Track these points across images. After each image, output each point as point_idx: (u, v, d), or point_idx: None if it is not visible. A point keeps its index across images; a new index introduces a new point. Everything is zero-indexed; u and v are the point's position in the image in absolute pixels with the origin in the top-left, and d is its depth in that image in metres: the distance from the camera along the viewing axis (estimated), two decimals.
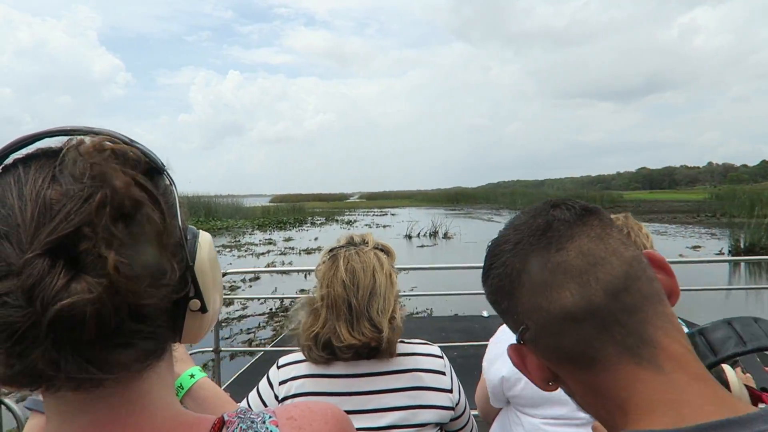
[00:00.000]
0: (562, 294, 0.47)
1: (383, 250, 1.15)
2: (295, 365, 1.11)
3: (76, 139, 0.41)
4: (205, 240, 0.48)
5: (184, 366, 0.97)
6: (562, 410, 1.25)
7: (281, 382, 1.10)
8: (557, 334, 0.48)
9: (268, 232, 24.49)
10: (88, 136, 0.41)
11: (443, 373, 1.12)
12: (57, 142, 0.41)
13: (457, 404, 1.13)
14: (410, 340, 1.17)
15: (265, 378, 1.14)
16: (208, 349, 3.56)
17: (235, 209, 36.16)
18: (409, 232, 21.15)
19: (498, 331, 1.41)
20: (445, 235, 20.88)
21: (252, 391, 1.14)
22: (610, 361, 0.46)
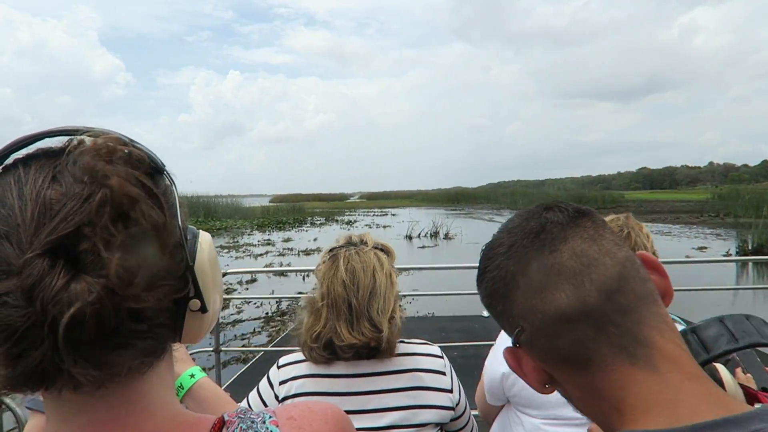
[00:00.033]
0: (556, 295, 0.47)
1: (383, 250, 1.15)
2: (296, 365, 1.11)
3: (76, 139, 0.41)
4: (206, 240, 0.48)
5: (185, 366, 0.97)
6: (563, 410, 1.25)
7: (281, 382, 1.10)
8: (552, 336, 0.48)
9: (267, 233, 24.21)
10: (88, 136, 0.41)
11: (443, 373, 1.12)
12: (57, 142, 0.41)
13: (457, 404, 1.13)
14: (410, 340, 1.17)
15: (265, 378, 1.14)
16: (209, 349, 3.56)
17: (234, 209, 35.94)
18: (409, 233, 20.84)
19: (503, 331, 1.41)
20: (446, 236, 20.61)
21: (252, 391, 1.14)
22: (605, 361, 0.46)
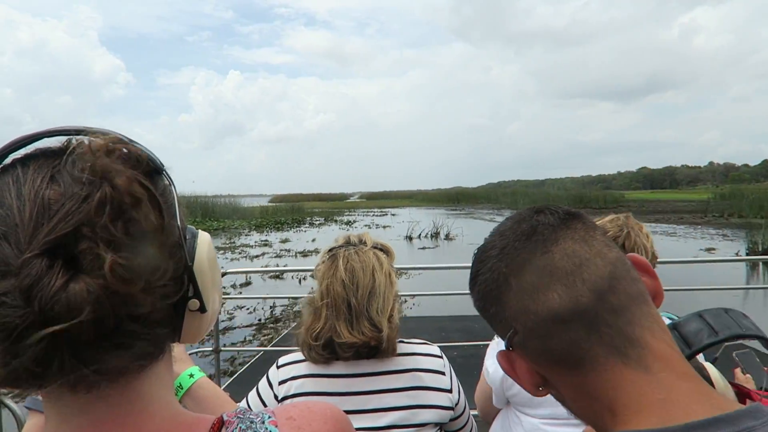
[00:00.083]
0: (549, 296, 0.48)
1: (382, 250, 1.15)
2: (295, 365, 1.11)
3: (75, 139, 0.41)
4: (204, 240, 0.48)
5: (184, 366, 0.97)
6: (562, 409, 1.24)
7: (281, 382, 1.09)
8: (545, 336, 0.48)
9: (265, 233, 23.98)
10: (87, 136, 0.41)
11: (443, 373, 1.12)
12: (56, 142, 0.41)
13: (457, 404, 1.13)
14: (410, 340, 1.17)
15: (264, 378, 1.14)
16: (208, 349, 3.56)
17: (233, 209, 35.66)
18: (409, 233, 20.60)
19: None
20: (447, 236, 20.37)
21: (251, 391, 1.14)
22: (598, 361, 0.46)
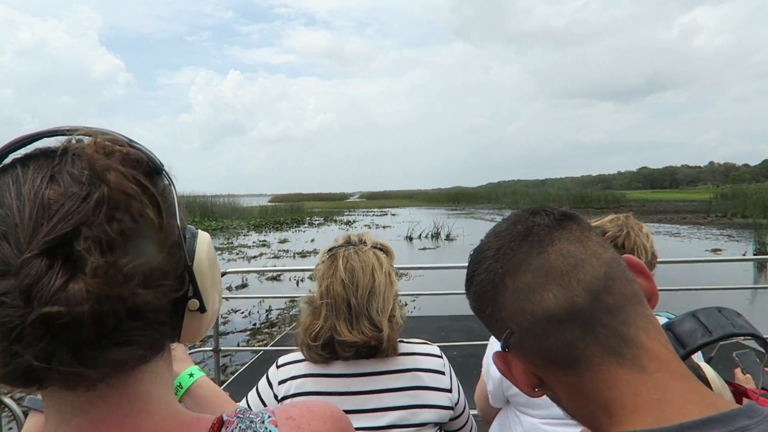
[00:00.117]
0: (544, 296, 0.48)
1: (382, 250, 1.15)
2: (295, 365, 1.11)
3: (74, 139, 0.41)
4: (204, 240, 0.48)
5: (183, 365, 0.97)
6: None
7: (281, 382, 1.10)
8: (541, 336, 0.48)
9: (264, 233, 23.71)
10: (86, 136, 0.41)
11: (442, 373, 1.12)
12: (55, 142, 0.41)
13: (457, 404, 1.13)
14: (410, 340, 1.17)
15: (264, 377, 1.14)
16: (208, 349, 3.56)
17: (232, 209, 35.34)
18: (410, 234, 20.30)
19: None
20: (448, 237, 20.08)
21: (251, 391, 1.14)
22: (594, 361, 0.46)
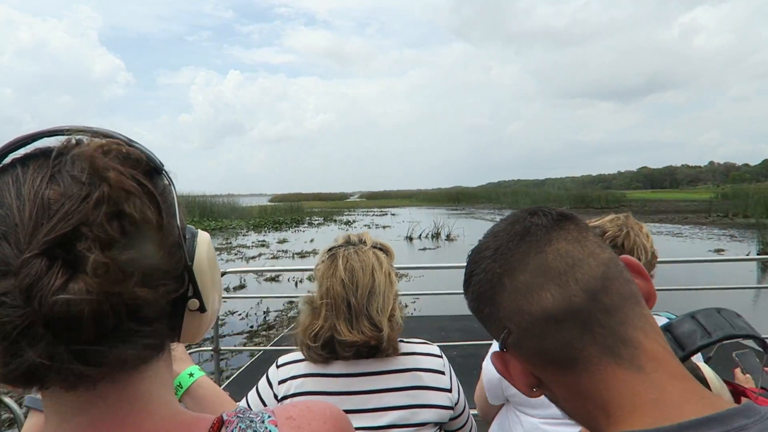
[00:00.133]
0: (542, 295, 0.48)
1: (382, 249, 1.15)
2: (295, 364, 1.11)
3: (74, 139, 0.41)
4: (204, 239, 0.48)
5: (183, 365, 0.97)
6: None
7: (280, 382, 1.10)
8: (539, 336, 0.48)
9: (263, 233, 23.54)
10: (86, 135, 0.41)
11: (442, 373, 1.12)
12: (55, 141, 0.41)
13: (456, 404, 1.13)
14: (410, 340, 1.17)
15: (264, 377, 1.14)
16: (208, 348, 3.56)
17: (231, 209, 35.12)
18: (410, 234, 20.15)
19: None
20: (448, 237, 19.92)
21: (251, 391, 1.14)
22: (591, 361, 0.46)
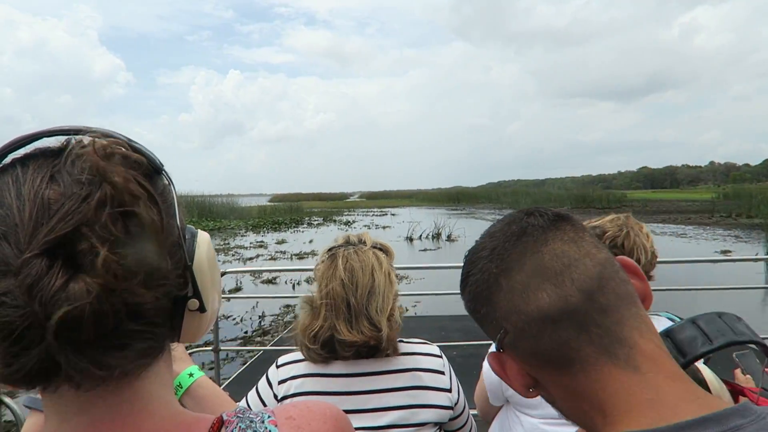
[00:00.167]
0: (539, 295, 0.48)
1: (382, 249, 1.15)
2: (295, 364, 1.11)
3: (74, 139, 0.41)
4: (204, 239, 0.48)
5: (183, 365, 0.97)
6: None
7: (280, 382, 1.10)
8: (536, 336, 0.48)
9: (262, 234, 23.31)
10: (86, 135, 0.41)
11: (442, 373, 1.12)
12: (55, 141, 0.41)
13: (456, 404, 1.13)
14: (409, 340, 1.17)
15: (264, 377, 1.14)
16: (208, 348, 3.56)
17: (230, 209, 34.86)
18: (410, 234, 19.87)
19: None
20: (449, 237, 19.61)
21: (251, 391, 1.14)
22: (588, 361, 0.46)
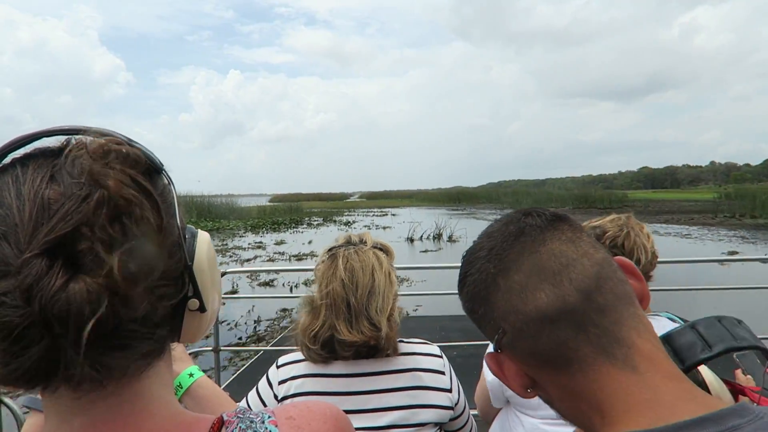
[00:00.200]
0: (536, 295, 0.48)
1: (382, 249, 1.15)
2: (295, 365, 1.11)
3: (74, 138, 0.41)
4: (204, 239, 0.48)
5: (183, 365, 0.97)
6: None
7: (281, 382, 1.10)
8: (534, 336, 0.48)
9: (261, 234, 23.08)
10: (86, 135, 0.41)
11: (442, 373, 1.12)
12: (55, 141, 0.41)
13: (456, 404, 1.13)
14: (410, 340, 1.17)
15: (264, 377, 1.14)
16: (208, 348, 3.56)
17: (230, 209, 34.65)
18: (410, 235, 19.70)
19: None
20: (450, 238, 19.27)
21: (251, 391, 1.14)
22: (586, 361, 0.46)
